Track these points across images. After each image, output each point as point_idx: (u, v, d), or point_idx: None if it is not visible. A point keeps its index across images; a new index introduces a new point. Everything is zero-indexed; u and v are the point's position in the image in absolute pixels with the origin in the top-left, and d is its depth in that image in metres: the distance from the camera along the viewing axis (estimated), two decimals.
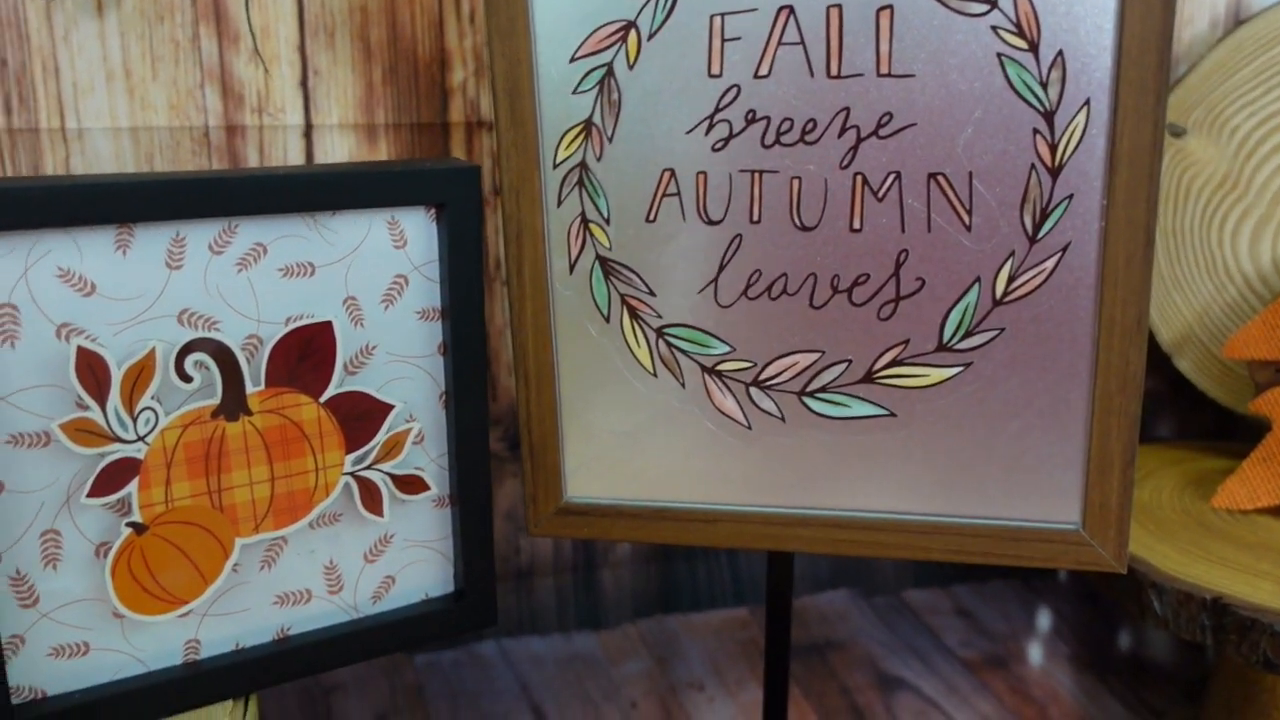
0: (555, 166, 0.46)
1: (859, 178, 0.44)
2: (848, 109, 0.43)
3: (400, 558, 0.48)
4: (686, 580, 0.79)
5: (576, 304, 0.48)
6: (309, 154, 0.63)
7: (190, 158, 0.61)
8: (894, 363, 0.46)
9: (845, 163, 0.44)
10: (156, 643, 0.43)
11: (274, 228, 0.42)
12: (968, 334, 0.45)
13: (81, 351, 0.39)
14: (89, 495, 0.40)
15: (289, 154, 0.63)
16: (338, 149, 0.64)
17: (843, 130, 0.43)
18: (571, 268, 0.47)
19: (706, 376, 0.48)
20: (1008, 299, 0.44)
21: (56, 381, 0.39)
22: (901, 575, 0.84)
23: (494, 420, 0.71)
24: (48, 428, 0.39)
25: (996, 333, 0.44)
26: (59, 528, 0.40)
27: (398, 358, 0.46)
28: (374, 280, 0.45)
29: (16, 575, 0.40)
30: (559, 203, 0.47)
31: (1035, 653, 0.78)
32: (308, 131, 0.63)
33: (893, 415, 0.46)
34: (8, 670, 0.40)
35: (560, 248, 0.47)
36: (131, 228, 0.39)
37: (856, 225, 0.44)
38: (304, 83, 0.63)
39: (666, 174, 0.45)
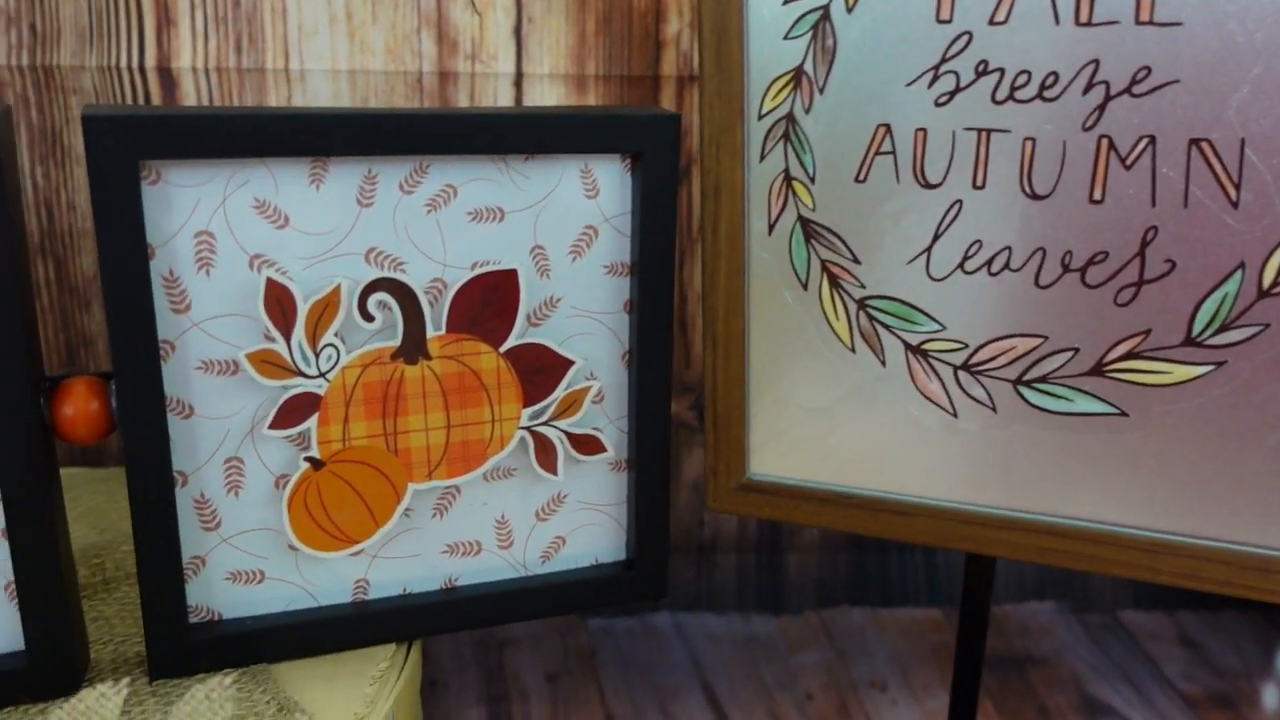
0: (760, 118, 0.43)
1: (1104, 141, 0.38)
2: (1096, 61, 0.38)
3: (572, 519, 0.47)
4: (877, 572, 0.75)
5: (773, 268, 0.44)
6: (518, 102, 0.63)
7: (403, 101, 0.62)
8: (1130, 355, 0.40)
9: (1089, 123, 0.38)
10: (327, 579, 0.44)
11: (465, 170, 0.41)
12: (1223, 328, 0.39)
13: (271, 284, 0.39)
14: (271, 426, 0.41)
15: (498, 101, 0.62)
16: (546, 98, 0.63)
17: (1089, 86, 0.38)
18: (770, 228, 0.44)
19: (910, 355, 0.43)
20: (1276, 290, 0.38)
21: (246, 311, 0.39)
22: (1120, 593, 0.77)
23: (686, 387, 0.69)
24: (236, 356, 0.40)
25: (1259, 329, 0.38)
26: (242, 456, 0.41)
27: (582, 312, 0.44)
28: (563, 230, 0.43)
29: (201, 498, 0.41)
30: (761, 157, 0.43)
31: (1271, 696, 0.69)
32: (518, 80, 0.62)
33: (1124, 415, 0.41)
34: (187, 589, 0.41)
35: (760, 206, 0.44)
36: (325, 162, 0.39)
37: (1097, 196, 0.39)
38: (517, 30, 0.62)
39: (881, 130, 0.41)
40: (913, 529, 0.45)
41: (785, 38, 0.42)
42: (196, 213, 0.38)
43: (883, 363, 0.44)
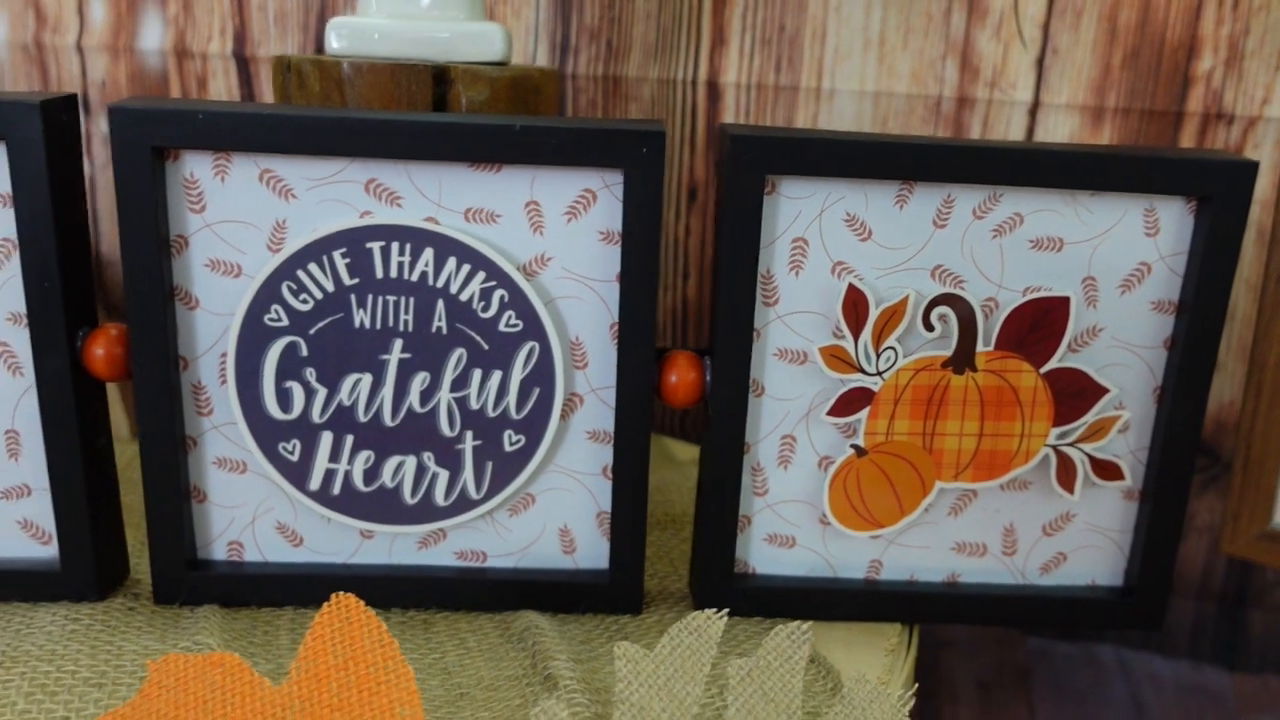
0: None
1: None
2: None
3: (1077, 538, 0.49)
4: None
5: None
6: (1030, 131, 0.65)
7: (920, 124, 0.66)
8: None
9: None
10: (848, 554, 0.49)
11: (1034, 201, 0.44)
12: None
13: (851, 289, 0.44)
14: (828, 413, 0.46)
15: (1011, 129, 0.65)
16: (1060, 128, 0.64)
17: None
18: None
19: None
20: None
21: (823, 311, 0.45)
22: None
23: None
24: (808, 349, 0.45)
25: None
26: (796, 435, 0.47)
27: (1121, 344, 0.46)
28: (1117, 264, 0.45)
29: (757, 466, 0.47)
30: None
31: None
32: (1034, 109, 0.64)
33: None
34: (736, 544, 0.47)
35: None
36: (913, 185, 0.44)
37: None
38: (1040, 60, 0.64)
39: None
40: None
41: None
42: (797, 222, 0.44)
43: None
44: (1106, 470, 0.47)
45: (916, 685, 0.45)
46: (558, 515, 0.47)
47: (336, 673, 0.36)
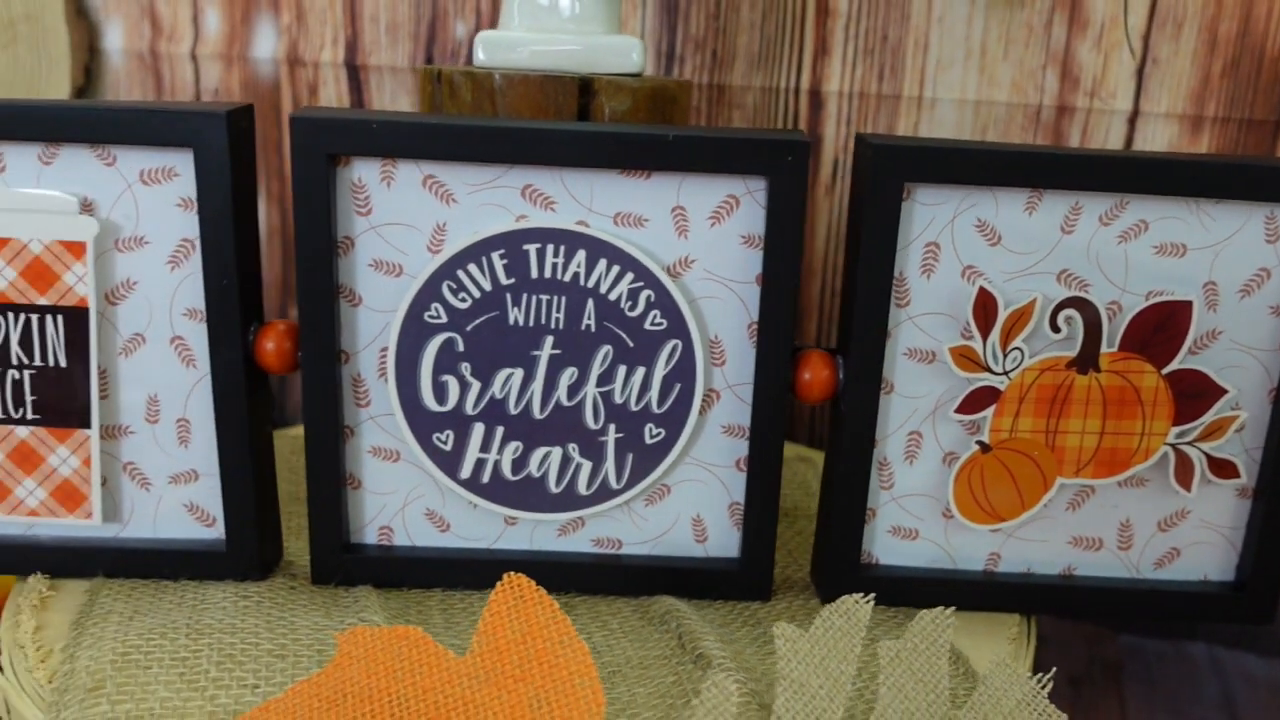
0: None
1: None
2: None
3: (1191, 534, 0.50)
4: None
5: None
6: (1129, 139, 0.66)
7: (1020, 132, 0.67)
8: None
9: None
10: (968, 546, 0.51)
11: (1159, 208, 0.46)
12: None
13: (981, 291, 0.46)
14: (955, 411, 0.48)
15: (1110, 138, 0.67)
16: (1158, 137, 0.66)
17: None
18: None
19: None
20: None
21: (953, 312, 0.47)
22: None
23: None
24: (938, 349, 0.47)
25: None
26: (922, 431, 0.49)
27: (1240, 346, 0.48)
28: (1237, 269, 0.47)
29: (883, 461, 0.49)
30: None
31: None
32: (1133, 118, 0.66)
33: None
34: (862, 536, 0.50)
35: None
36: (1041, 192, 0.46)
37: None
38: (1140, 70, 0.65)
39: None
40: None
41: None
42: (930, 227, 0.46)
43: None
44: (1223, 469, 0.49)
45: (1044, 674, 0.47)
46: (692, 505, 0.50)
47: (516, 646, 0.39)
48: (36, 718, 0.40)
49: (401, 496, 0.49)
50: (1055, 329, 0.47)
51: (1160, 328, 0.47)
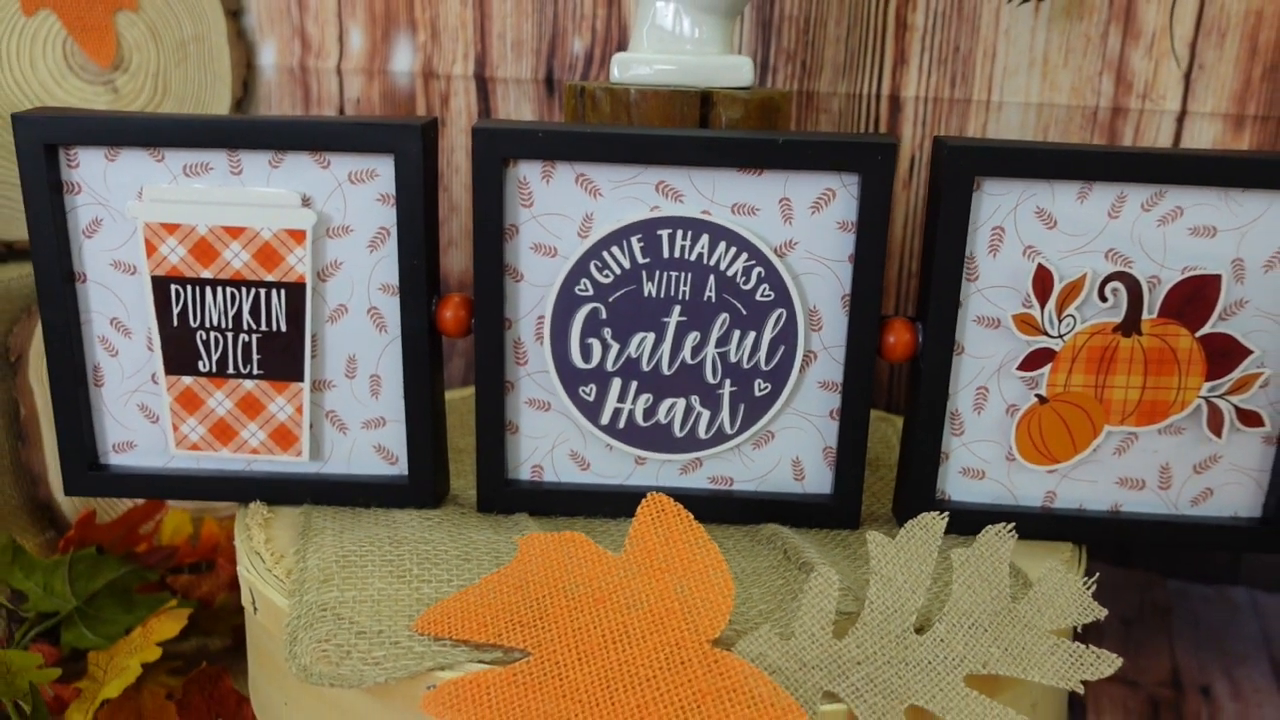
0: None
1: None
2: None
3: (1223, 476, 0.59)
4: None
5: None
6: (1177, 137, 0.74)
7: (1078, 132, 0.76)
8: None
9: None
10: (1027, 486, 0.59)
11: (1193, 196, 0.54)
12: None
13: (1039, 268, 0.55)
14: (1018, 368, 0.57)
15: (1160, 135, 0.75)
16: (1204, 134, 0.74)
17: None
18: None
19: None
20: None
21: (1015, 285, 0.56)
22: None
23: None
24: (1002, 316, 0.56)
25: None
26: (989, 386, 0.58)
27: (1264, 314, 0.56)
28: (1262, 248, 0.55)
29: (955, 413, 0.58)
30: None
31: None
32: (1180, 117, 0.74)
33: None
34: (937, 475, 0.59)
35: None
36: (1091, 184, 0.54)
37: None
38: (1187, 75, 0.73)
39: None
40: None
41: None
42: (996, 214, 0.55)
43: None
44: (1249, 418, 0.57)
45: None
46: (792, 448, 0.59)
47: (662, 546, 0.49)
48: (282, 601, 0.51)
49: (551, 440, 0.60)
50: (1103, 299, 0.56)
51: (1194, 298, 0.55)
